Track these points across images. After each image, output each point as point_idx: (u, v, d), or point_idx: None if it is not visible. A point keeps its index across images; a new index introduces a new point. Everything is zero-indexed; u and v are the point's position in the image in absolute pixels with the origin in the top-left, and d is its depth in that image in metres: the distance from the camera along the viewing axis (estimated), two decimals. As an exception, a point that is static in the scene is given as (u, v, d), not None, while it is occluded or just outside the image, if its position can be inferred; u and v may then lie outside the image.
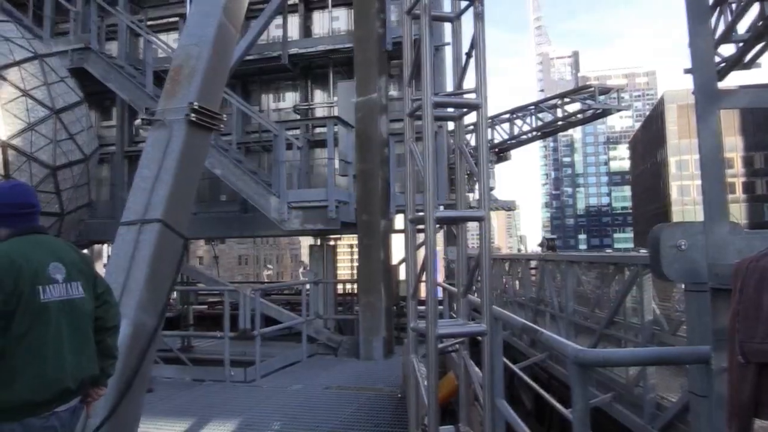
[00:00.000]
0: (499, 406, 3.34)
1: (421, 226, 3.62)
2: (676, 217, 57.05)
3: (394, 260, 10.16)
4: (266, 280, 44.11)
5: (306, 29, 12.03)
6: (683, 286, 3.15)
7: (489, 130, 18.05)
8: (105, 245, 13.12)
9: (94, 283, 2.80)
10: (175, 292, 11.74)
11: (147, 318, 3.95)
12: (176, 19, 12.42)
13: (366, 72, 9.61)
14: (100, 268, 8.41)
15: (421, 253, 3.91)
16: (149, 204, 4.14)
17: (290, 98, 12.40)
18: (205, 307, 14.28)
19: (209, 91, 4.76)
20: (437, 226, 3.45)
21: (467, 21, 3.85)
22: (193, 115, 4.43)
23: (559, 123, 21.54)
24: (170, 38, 12.01)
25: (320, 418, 6.21)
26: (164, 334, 6.95)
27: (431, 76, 3.44)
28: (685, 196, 61.17)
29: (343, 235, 11.85)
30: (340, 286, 12.72)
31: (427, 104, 3.37)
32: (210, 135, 4.81)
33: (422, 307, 4.23)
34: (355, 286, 10.96)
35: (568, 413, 2.91)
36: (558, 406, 3.76)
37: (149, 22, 12.36)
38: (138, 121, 4.64)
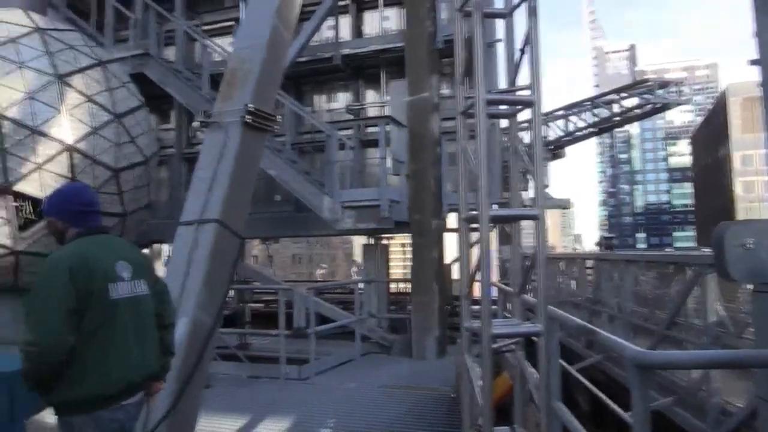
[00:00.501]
0: (556, 408, 3.28)
1: (474, 225, 3.59)
2: (740, 215, 54.87)
3: (447, 259, 10.11)
4: (319, 279, 44.60)
5: (357, 30, 12.09)
6: (750, 286, 3.02)
7: (543, 127, 17.76)
8: (164, 245, 13.52)
9: (154, 282, 2.90)
10: (231, 291, 12.00)
11: (205, 316, 4.04)
12: (231, 23, 12.67)
13: (417, 71, 9.59)
14: (159, 267, 8.65)
15: (475, 252, 3.88)
16: (206, 204, 4.24)
17: (342, 98, 12.49)
18: (261, 305, 14.53)
19: (264, 93, 4.83)
20: (491, 225, 3.42)
21: (520, 17, 3.80)
22: (248, 117, 4.51)
23: (616, 119, 21.02)
24: (225, 42, 12.27)
25: (374, 416, 6.23)
26: (222, 332, 7.11)
27: (484, 73, 3.40)
28: (750, 193, 58.76)
29: (395, 235, 11.87)
30: (392, 285, 12.76)
31: (480, 102, 3.34)
32: (265, 136, 4.89)
33: (476, 307, 4.19)
34: (408, 285, 10.95)
35: (628, 417, 2.84)
36: (617, 409, 3.67)
37: (205, 27, 12.65)
38: (195, 124, 4.76)
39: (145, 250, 12.80)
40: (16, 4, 9.11)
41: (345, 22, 12.03)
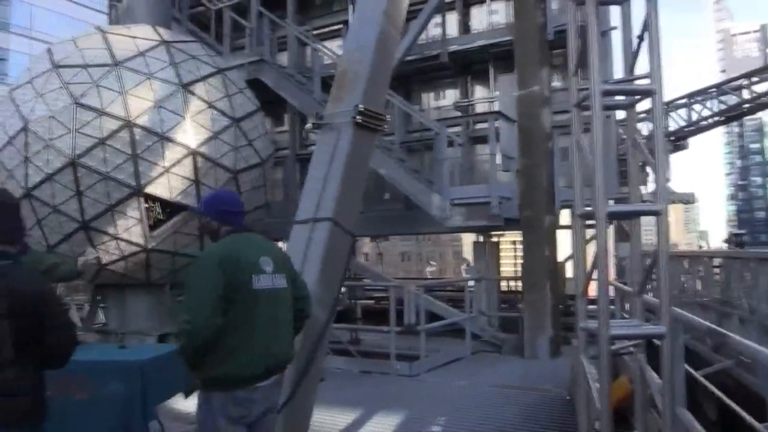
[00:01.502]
0: (680, 416, 3.10)
1: (590, 222, 3.46)
2: None
3: (560, 257, 9.82)
4: (429, 277, 44.68)
5: (464, 26, 11.98)
6: None
7: (663, 116, 16.80)
8: (280, 242, 14.06)
9: (293, 278, 3.19)
10: (343, 288, 12.27)
11: (320, 311, 4.16)
12: (340, 26, 12.94)
13: (527, 64, 9.37)
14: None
15: (590, 249, 3.73)
16: (320, 204, 4.37)
17: (450, 95, 12.44)
18: (372, 302, 14.75)
19: (373, 93, 4.91)
20: (608, 221, 3.27)
21: (637, 2, 3.61)
22: (358, 117, 4.59)
23: (746, 106, 19.49)
24: (335, 45, 12.55)
25: (485, 415, 6.16)
26: (334, 327, 7.29)
27: (599, 63, 3.27)
28: None
29: (506, 232, 11.66)
30: (503, 283, 12.54)
31: (596, 93, 3.20)
32: (375, 136, 4.96)
33: (591, 306, 4.04)
34: (519, 283, 10.74)
35: (763, 428, 2.63)
36: (749, 419, 3.40)
37: (315, 31, 13.00)
38: (308, 126, 4.91)
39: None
40: (144, 21, 9.83)
41: (452, 19, 11.95)
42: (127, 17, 10.24)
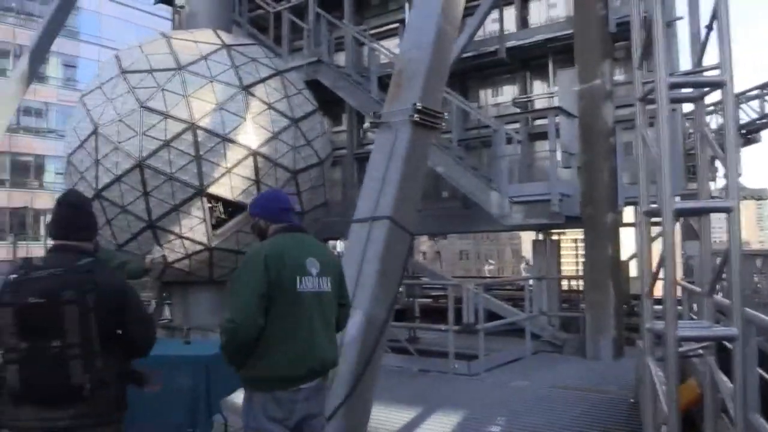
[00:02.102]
0: (753, 422, 2.96)
1: (656, 219, 3.34)
2: None
3: (623, 255, 9.55)
4: (487, 275, 44.27)
5: (522, 20, 11.79)
6: None
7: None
8: (338, 241, 14.19)
9: (339, 282, 3.15)
10: (401, 286, 12.29)
11: (378, 309, 4.18)
12: (396, 25, 12.96)
13: (588, 58, 9.15)
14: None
15: (656, 248, 3.61)
16: (378, 202, 4.38)
17: (508, 92, 12.27)
18: (429, 300, 14.72)
19: (430, 91, 4.89)
20: (675, 218, 3.16)
21: (706, -10, 3.46)
22: (416, 115, 4.58)
23: (824, 96, 18.43)
24: (391, 44, 12.57)
25: (545, 416, 6.06)
26: (393, 325, 7.31)
27: (665, 54, 3.15)
28: None
29: (567, 230, 11.42)
30: (564, 283, 12.29)
31: (662, 86, 3.10)
32: (432, 134, 4.94)
33: (657, 307, 3.91)
34: (581, 282, 10.50)
35: None
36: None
37: (371, 31, 13.04)
38: (366, 125, 4.93)
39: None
40: (206, 25, 10.09)
41: (509, 14, 11.78)
42: (190, 22, 10.53)
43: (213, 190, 8.41)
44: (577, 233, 10.75)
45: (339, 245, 8.98)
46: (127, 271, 4.73)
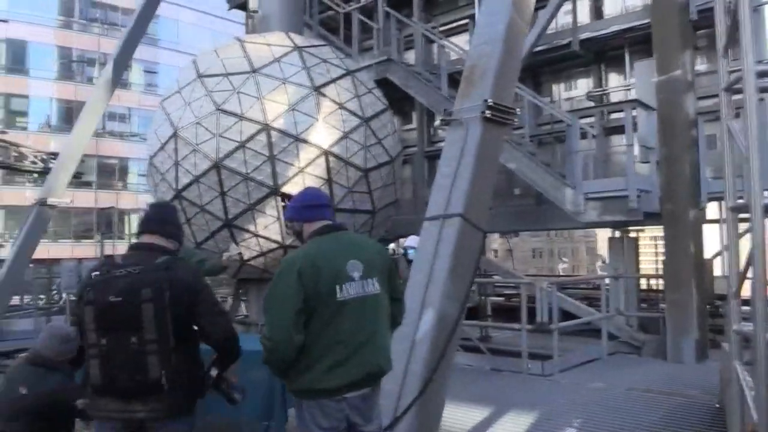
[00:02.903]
0: None
1: (744, 216, 3.18)
2: None
3: (707, 253, 9.13)
4: (561, 274, 43.34)
5: (597, 11, 11.45)
6: None
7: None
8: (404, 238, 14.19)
9: (388, 279, 2.98)
10: (473, 284, 12.18)
11: (450, 307, 4.16)
12: (466, 21, 12.85)
13: (667, 48, 8.79)
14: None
15: (743, 245, 3.44)
16: (450, 200, 4.36)
17: (582, 85, 11.95)
18: (501, 299, 14.55)
19: (502, 87, 4.82)
20: (765, 214, 3.00)
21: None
22: (487, 111, 4.53)
23: None
24: (461, 40, 12.48)
25: (623, 419, 5.87)
26: (464, 324, 7.26)
27: (752, 41, 2.99)
28: None
29: (645, 227, 11.02)
30: (643, 281, 11.87)
31: (749, 74, 2.94)
32: (505, 130, 4.87)
33: (745, 308, 3.72)
34: (661, 281, 10.11)
35: None
36: None
37: (441, 28, 12.99)
38: (437, 123, 4.91)
39: (392, 245, 13.61)
40: (278, 28, 10.32)
41: (583, 5, 11.47)
42: (263, 26, 10.80)
43: (287, 189, 8.59)
44: (657, 230, 10.34)
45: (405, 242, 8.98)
46: (206, 268, 4.92)
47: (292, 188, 8.59)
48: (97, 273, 2.83)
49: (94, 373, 2.77)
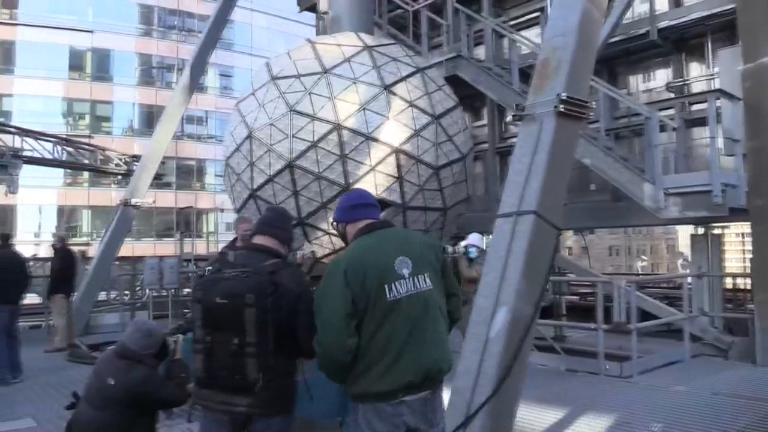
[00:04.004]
0: None
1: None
2: None
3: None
4: (640, 272, 41.92)
5: (676, -2, 10.99)
6: None
7: None
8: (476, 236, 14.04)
9: (442, 274, 2.89)
10: (548, 282, 11.95)
11: (524, 306, 4.09)
12: (537, 14, 12.59)
13: (754, 33, 8.32)
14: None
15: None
16: (523, 197, 4.29)
17: (661, 76, 11.48)
18: (577, 297, 14.21)
19: (576, 80, 4.70)
20: None
21: None
22: (561, 106, 4.43)
23: None
24: (532, 34, 12.26)
25: (707, 425, 5.60)
26: (538, 323, 7.12)
27: None
28: None
29: (730, 223, 10.50)
30: (728, 280, 11.31)
31: None
32: (579, 124, 4.75)
33: None
34: (748, 280, 9.60)
35: None
36: None
37: (511, 22, 12.80)
38: (508, 118, 4.84)
39: (462, 243, 13.52)
40: (348, 29, 10.43)
41: (662, -8, 11.03)
42: (333, 27, 10.94)
43: (357, 187, 8.67)
44: (744, 226, 9.83)
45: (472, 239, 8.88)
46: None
47: (364, 187, 8.68)
48: (210, 268, 2.99)
49: (198, 366, 2.91)
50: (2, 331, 8.18)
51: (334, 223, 3.13)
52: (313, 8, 14.72)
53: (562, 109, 4.45)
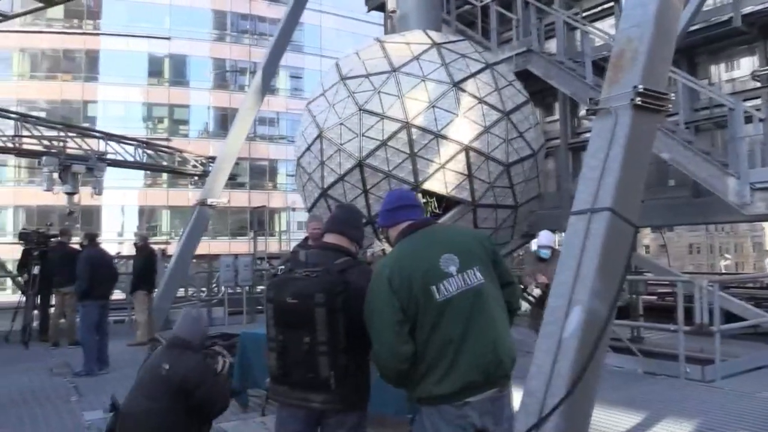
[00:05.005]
0: None
1: None
2: None
3: None
4: (723, 271, 40.01)
5: (762, -18, 10.40)
6: None
7: None
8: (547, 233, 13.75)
9: (493, 265, 2.80)
10: (624, 282, 11.57)
11: (600, 306, 3.97)
12: (611, 4, 12.22)
13: None
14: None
15: None
16: (598, 193, 4.15)
17: (746, 65, 10.90)
18: (655, 297, 13.70)
19: (654, 71, 4.51)
20: None
21: None
22: (638, 98, 4.26)
23: None
24: (606, 25, 11.90)
25: (801, 434, 5.29)
26: (614, 323, 6.91)
27: None
28: None
29: (824, 219, 9.86)
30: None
31: None
32: (658, 117, 4.57)
33: None
34: None
35: None
36: None
37: (584, 14, 12.46)
38: (582, 113, 4.70)
39: (534, 241, 13.28)
40: (416, 26, 10.42)
41: (745, -23, 10.46)
42: (401, 25, 10.95)
43: (427, 185, 8.67)
44: (840, 223, 9.22)
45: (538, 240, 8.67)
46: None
47: (433, 185, 8.66)
48: (283, 267, 3.07)
49: (272, 364, 2.99)
50: (93, 325, 8.64)
51: (380, 228, 3.10)
52: (381, 7, 14.77)
53: (639, 102, 4.28)
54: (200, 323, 4.21)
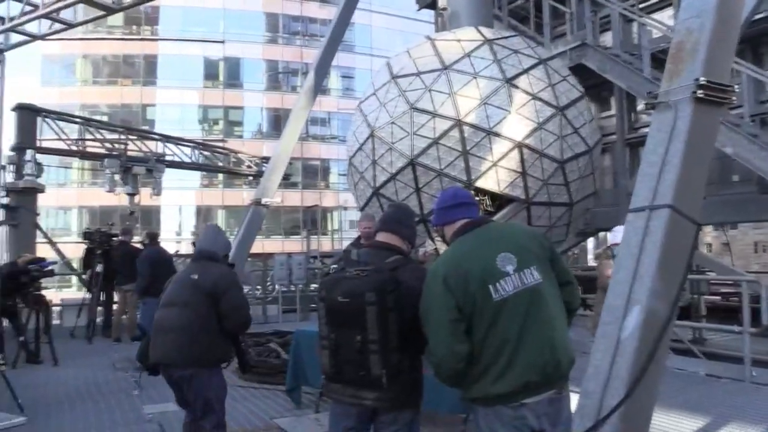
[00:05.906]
0: None
1: None
2: None
3: None
4: (791, 271, 38.23)
5: (833, -34, 9.89)
6: None
7: None
8: (608, 233, 13.44)
9: (551, 264, 2.76)
10: (686, 281, 11.21)
11: (660, 305, 3.85)
12: (670, -6, 11.86)
13: None
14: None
15: None
16: (657, 190, 4.02)
17: (814, 54, 10.42)
18: (718, 298, 13.20)
19: (716, 63, 4.35)
20: None
21: None
22: (699, 91, 4.11)
23: None
24: (664, 16, 11.54)
25: None
26: (675, 324, 6.70)
27: None
28: None
29: None
30: None
31: None
32: (720, 111, 4.39)
33: None
34: None
35: None
36: None
37: (641, 5, 12.12)
38: (640, 107, 4.57)
39: (609, 235, 13.01)
40: (468, 23, 10.35)
41: (816, -39, 9.97)
42: (452, 22, 10.88)
43: (480, 183, 8.60)
44: None
45: (609, 236, 8.44)
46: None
47: (486, 182, 8.59)
48: (335, 267, 3.11)
49: (325, 362, 3.02)
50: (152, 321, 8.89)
51: (435, 228, 3.08)
52: (431, 5, 14.71)
53: (701, 95, 4.13)
54: (221, 235, 4.53)
